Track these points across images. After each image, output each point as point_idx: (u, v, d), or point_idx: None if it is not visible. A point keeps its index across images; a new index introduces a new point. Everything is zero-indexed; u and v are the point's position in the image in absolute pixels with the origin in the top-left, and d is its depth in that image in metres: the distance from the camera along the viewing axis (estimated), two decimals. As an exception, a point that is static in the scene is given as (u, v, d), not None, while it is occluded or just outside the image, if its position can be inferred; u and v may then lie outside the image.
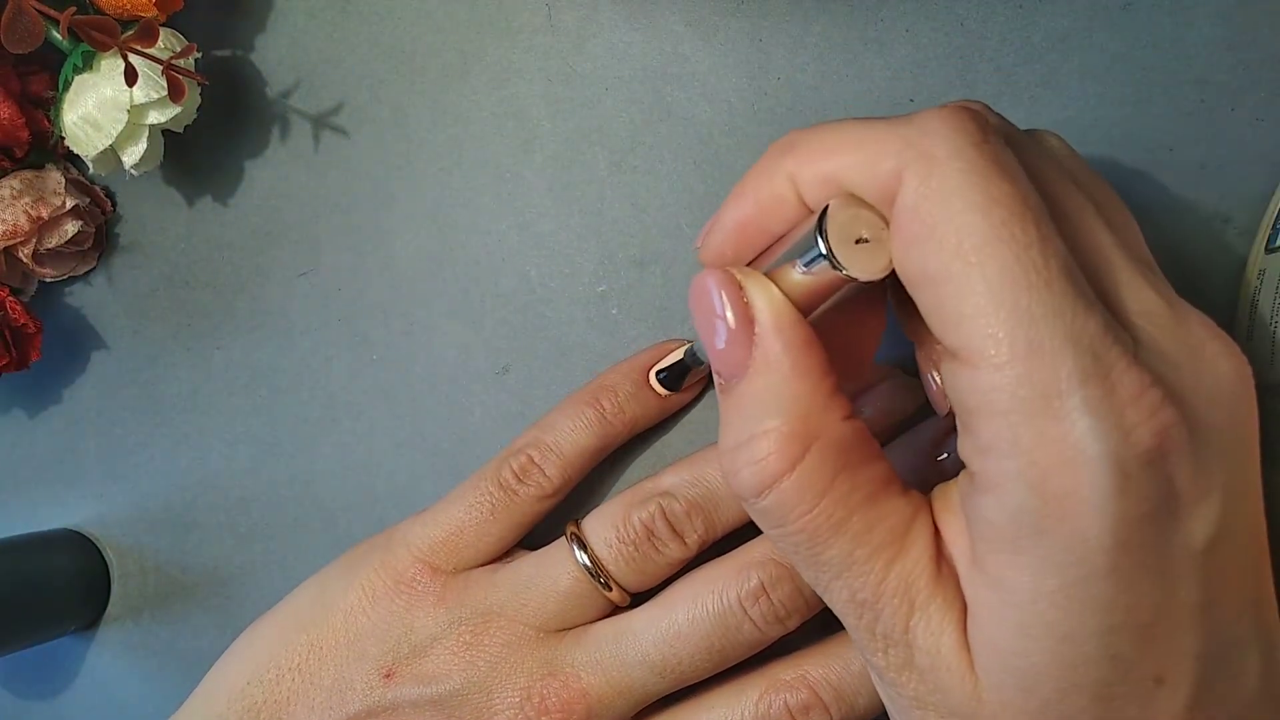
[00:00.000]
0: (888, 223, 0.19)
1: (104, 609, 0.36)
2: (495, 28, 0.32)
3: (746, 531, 0.27)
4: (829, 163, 0.19)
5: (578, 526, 0.28)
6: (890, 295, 0.23)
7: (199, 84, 0.32)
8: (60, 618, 0.35)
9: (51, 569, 0.35)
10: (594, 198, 0.32)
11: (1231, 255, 0.28)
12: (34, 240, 0.33)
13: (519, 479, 0.28)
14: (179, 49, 0.31)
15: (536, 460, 0.28)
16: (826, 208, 0.19)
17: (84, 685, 0.36)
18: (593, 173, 0.32)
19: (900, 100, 0.30)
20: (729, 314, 0.20)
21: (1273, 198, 0.27)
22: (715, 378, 0.21)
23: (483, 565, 0.29)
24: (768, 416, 0.20)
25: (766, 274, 0.21)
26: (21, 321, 0.33)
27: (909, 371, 0.28)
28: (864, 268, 0.19)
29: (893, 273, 0.19)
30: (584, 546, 0.27)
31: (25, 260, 0.33)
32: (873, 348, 0.24)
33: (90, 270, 0.36)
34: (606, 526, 0.27)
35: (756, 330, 0.20)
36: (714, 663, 0.26)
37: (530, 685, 0.26)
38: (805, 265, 0.20)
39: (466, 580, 0.28)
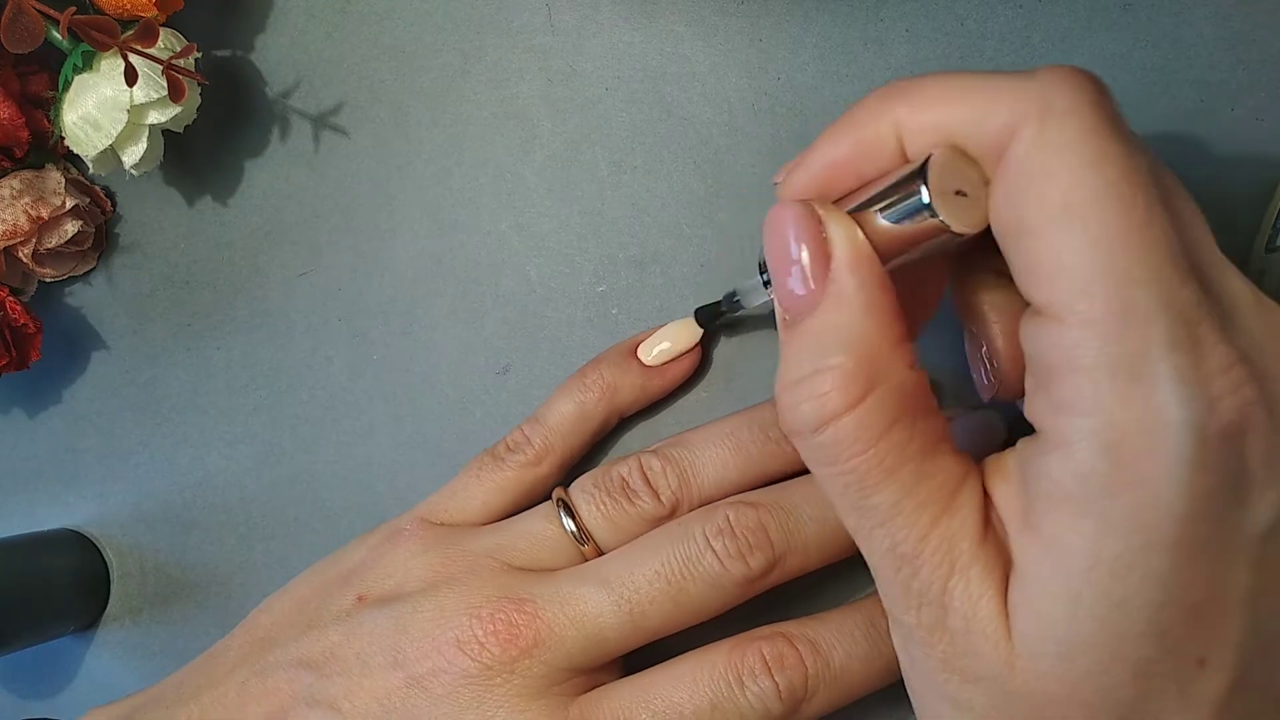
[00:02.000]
0: (986, 182, 0.19)
1: (104, 609, 0.36)
2: (495, 28, 0.32)
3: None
4: (940, 112, 0.19)
5: (564, 490, 0.29)
6: (951, 267, 0.23)
7: (199, 84, 0.32)
8: (60, 618, 0.35)
9: (51, 569, 0.35)
10: (594, 198, 0.32)
11: (1231, 255, 0.28)
12: (34, 240, 0.33)
13: (510, 449, 0.30)
14: (179, 49, 0.31)
15: (527, 433, 0.30)
16: (930, 156, 0.19)
17: (84, 685, 0.36)
18: (593, 173, 0.32)
19: (900, 100, 0.30)
20: (806, 246, 0.20)
21: (1273, 198, 0.27)
22: (779, 311, 0.21)
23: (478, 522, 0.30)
24: (834, 353, 0.19)
25: (848, 214, 0.20)
26: (21, 321, 0.33)
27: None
28: (960, 220, 0.19)
29: (965, 242, 0.19)
30: (568, 507, 0.28)
31: (25, 260, 0.33)
32: (926, 318, 0.24)
33: (90, 270, 0.36)
34: (587, 481, 0.28)
35: (832, 265, 0.20)
36: (673, 597, 0.26)
37: (483, 605, 0.27)
38: (899, 213, 0.19)
39: (453, 530, 0.29)
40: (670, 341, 0.30)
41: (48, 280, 0.35)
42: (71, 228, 0.33)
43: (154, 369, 0.36)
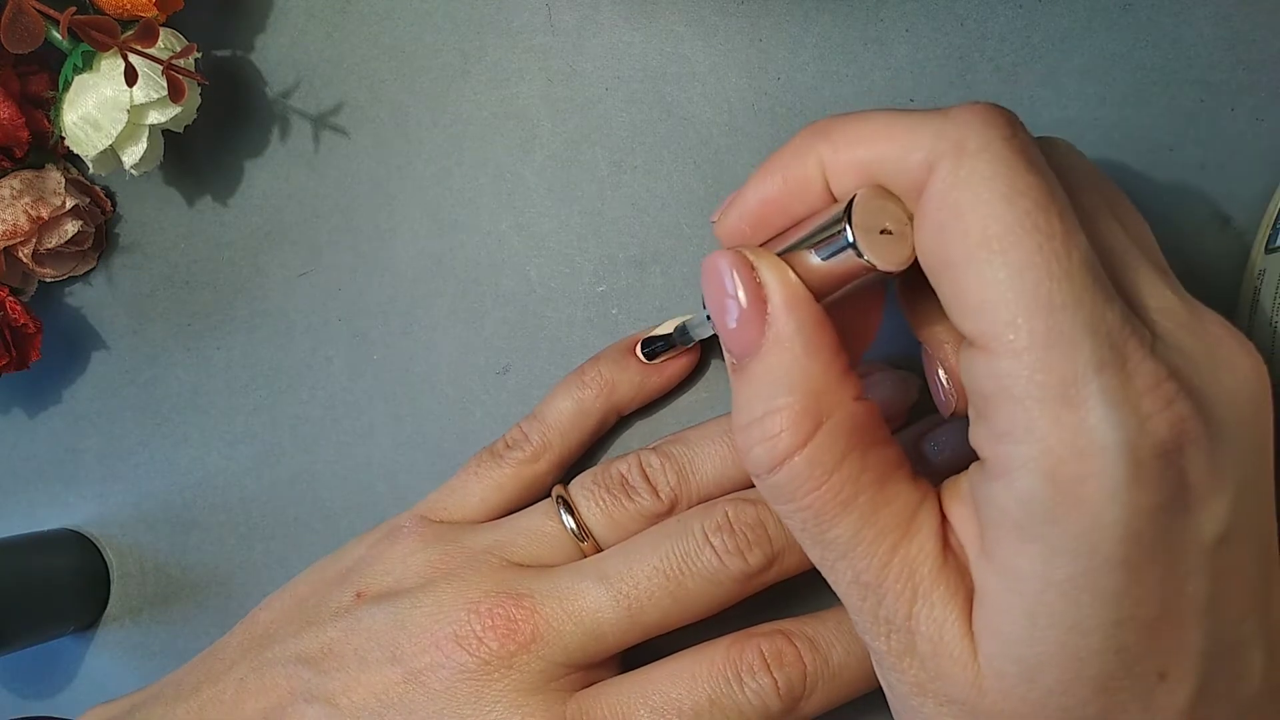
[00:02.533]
0: (911, 218, 0.19)
1: (104, 609, 0.36)
2: (495, 28, 0.32)
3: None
4: (862, 151, 0.20)
5: (563, 487, 0.29)
6: (901, 296, 0.23)
7: (199, 84, 0.32)
8: (60, 618, 0.35)
9: (51, 569, 0.35)
10: (594, 198, 0.32)
11: (1231, 255, 0.28)
12: (34, 240, 0.33)
13: (509, 447, 0.30)
14: (179, 49, 0.31)
15: (525, 430, 0.30)
16: (854, 197, 0.19)
17: (84, 685, 0.36)
18: (593, 173, 0.32)
19: (900, 100, 0.30)
20: (741, 293, 0.20)
21: (1273, 198, 0.27)
22: (728, 356, 0.22)
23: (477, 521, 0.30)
24: (780, 394, 0.20)
25: (781, 255, 0.21)
26: (21, 321, 0.33)
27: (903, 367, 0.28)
28: (886, 258, 0.19)
29: (905, 271, 0.20)
30: (568, 504, 0.28)
31: (25, 260, 0.33)
32: (865, 345, 0.24)
33: (90, 270, 0.36)
34: (587, 478, 0.29)
35: (769, 309, 0.20)
36: (671, 593, 0.26)
37: (481, 600, 0.27)
38: (827, 252, 0.20)
39: (452, 527, 0.29)
40: (669, 326, 0.30)
41: (48, 280, 0.35)
42: (71, 228, 0.33)
43: (154, 369, 0.36)
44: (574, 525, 0.28)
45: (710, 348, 0.31)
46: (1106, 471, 0.17)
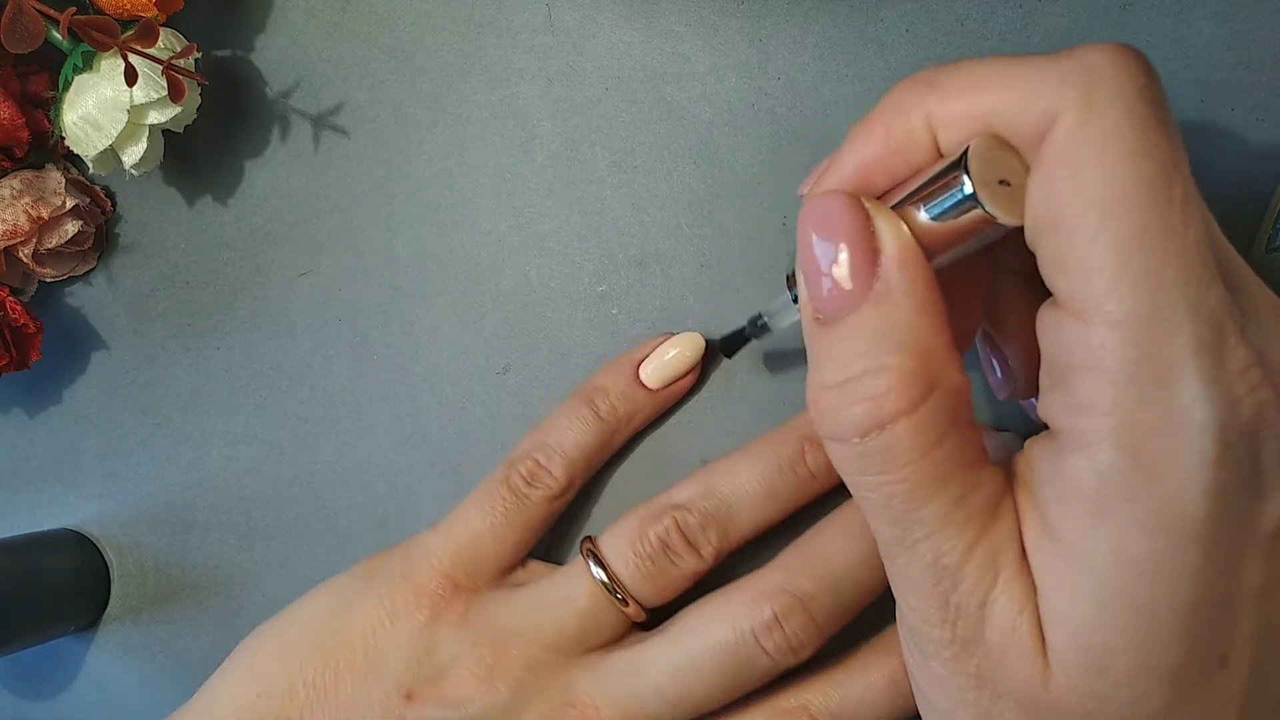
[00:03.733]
0: (1028, 170, 0.18)
1: (104, 609, 0.36)
2: (495, 28, 0.32)
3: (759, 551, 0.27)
4: (976, 99, 0.18)
5: (593, 543, 0.28)
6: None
7: (199, 84, 0.32)
8: (60, 618, 0.35)
9: (51, 569, 0.35)
10: (594, 198, 0.32)
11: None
12: (34, 240, 0.33)
13: (528, 482, 0.28)
14: (179, 49, 0.31)
15: (543, 463, 0.28)
16: (968, 146, 0.18)
17: (84, 685, 0.36)
18: (593, 173, 0.32)
19: (900, 100, 0.30)
20: (849, 241, 0.19)
21: (1273, 198, 0.27)
22: (811, 313, 0.20)
23: (502, 577, 0.29)
24: (886, 352, 0.18)
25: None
26: (21, 321, 0.33)
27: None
28: (1006, 211, 0.18)
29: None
30: (600, 562, 0.27)
31: (25, 260, 0.33)
32: (973, 329, 0.23)
33: (90, 270, 0.36)
34: (622, 541, 0.27)
35: (881, 261, 0.18)
36: (727, 693, 0.26)
37: (549, 713, 0.26)
38: (941, 206, 0.18)
39: (487, 599, 0.28)
40: (680, 348, 0.30)
41: (48, 280, 0.35)
42: (71, 228, 0.33)
43: (154, 369, 0.36)
44: (619, 594, 0.27)
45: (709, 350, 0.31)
46: (1194, 450, 0.16)
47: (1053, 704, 0.18)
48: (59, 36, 0.29)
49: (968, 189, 0.18)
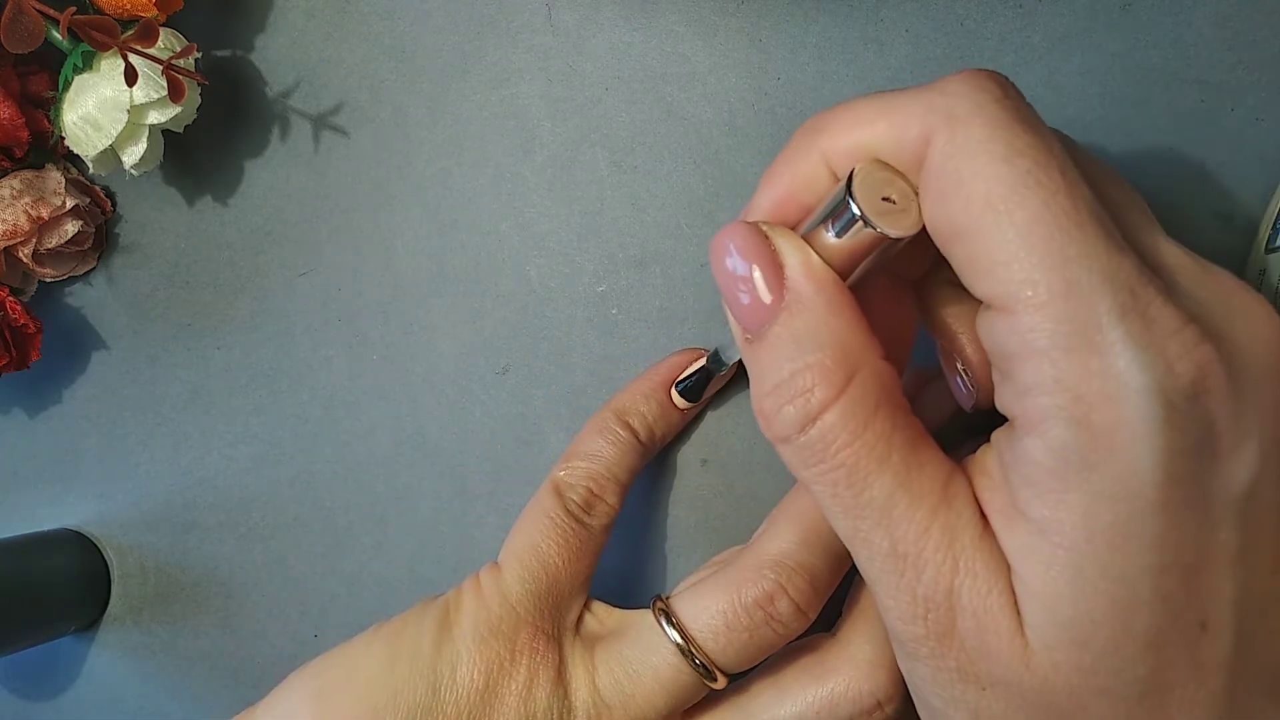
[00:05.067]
0: (914, 187, 0.20)
1: (104, 609, 0.36)
2: (495, 28, 0.32)
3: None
4: (858, 134, 0.20)
5: (668, 606, 0.26)
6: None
7: (199, 84, 0.32)
8: (60, 618, 0.35)
9: (51, 569, 0.35)
10: (594, 198, 0.32)
11: (1231, 255, 0.28)
12: (34, 240, 0.33)
13: (588, 512, 0.28)
14: (179, 49, 0.31)
15: (596, 491, 0.28)
16: (852, 172, 0.20)
17: (84, 685, 0.36)
18: (593, 173, 0.32)
19: (900, 100, 0.30)
20: (756, 263, 0.20)
21: (1273, 198, 0.27)
22: (738, 332, 0.21)
23: (578, 618, 0.27)
24: (807, 352, 0.20)
25: None
26: (21, 321, 0.33)
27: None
28: (894, 225, 0.19)
29: (912, 265, 0.20)
30: (681, 631, 0.25)
31: (25, 260, 0.33)
32: (908, 340, 0.24)
33: (90, 270, 0.36)
34: (711, 613, 0.25)
35: (786, 274, 0.20)
36: None
37: None
38: (837, 227, 0.20)
39: (573, 658, 0.26)
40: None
41: (48, 280, 0.35)
42: (71, 228, 0.33)
43: (154, 369, 0.36)
44: (707, 669, 0.25)
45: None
46: (1139, 414, 0.17)
47: (1038, 684, 0.18)
48: (59, 36, 0.29)
49: (855, 210, 0.19)
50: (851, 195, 0.19)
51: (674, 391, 0.29)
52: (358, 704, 0.25)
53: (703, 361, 0.29)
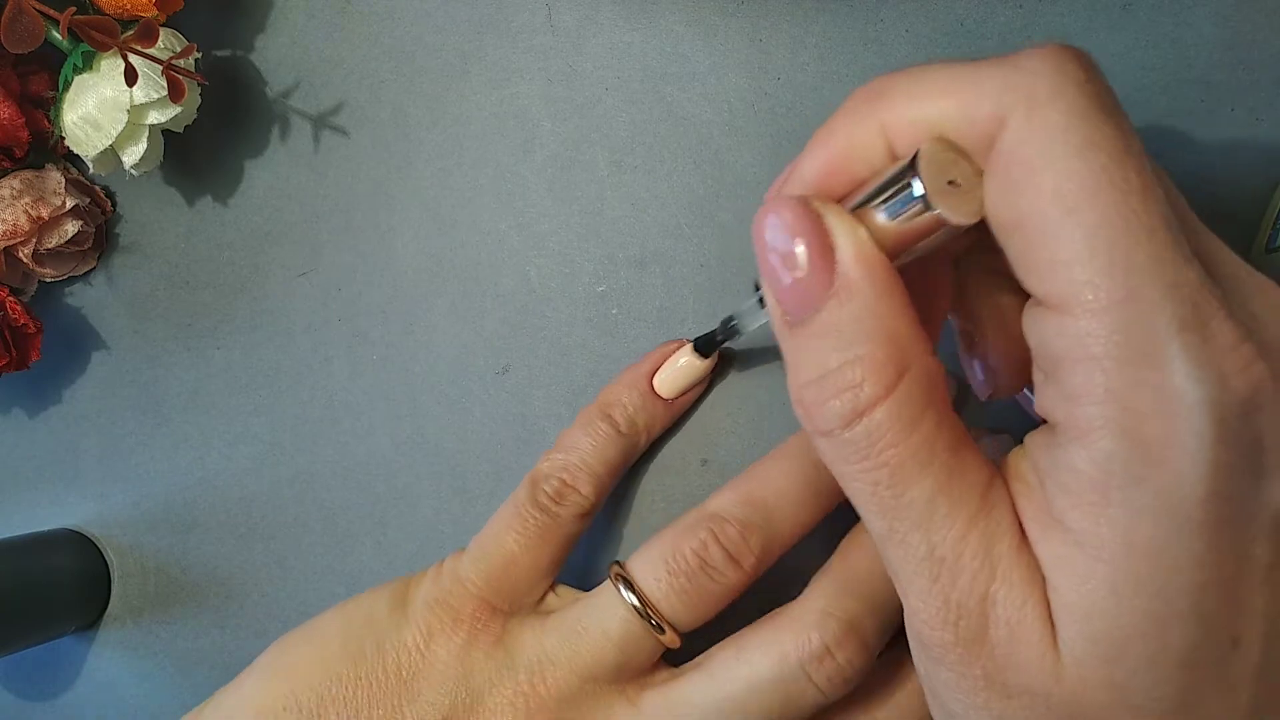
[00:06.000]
0: (980, 174, 0.18)
1: (104, 609, 0.36)
2: (495, 28, 0.32)
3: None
4: (925, 107, 0.19)
5: (621, 567, 0.27)
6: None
7: (199, 84, 0.32)
8: (60, 618, 0.35)
9: (51, 569, 0.35)
10: (594, 198, 0.32)
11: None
12: (34, 240, 0.33)
13: (557, 501, 0.28)
14: (179, 49, 0.31)
15: (569, 481, 0.28)
16: (920, 149, 0.18)
17: (84, 685, 0.36)
18: (593, 173, 0.32)
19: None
20: (805, 241, 0.19)
21: (1273, 198, 0.27)
22: (779, 315, 0.20)
23: (536, 601, 0.28)
24: (857, 344, 0.19)
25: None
26: (21, 321, 0.33)
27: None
28: (957, 210, 0.18)
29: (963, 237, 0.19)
30: (631, 586, 0.26)
31: (25, 260, 0.33)
32: (939, 321, 0.23)
33: (90, 270, 0.36)
34: (655, 563, 0.26)
35: (838, 258, 0.19)
36: None
37: None
38: (894, 208, 0.19)
39: (523, 624, 0.28)
40: (688, 355, 0.29)
41: (48, 280, 0.35)
42: (71, 228, 0.33)
43: (154, 369, 0.36)
44: (652, 620, 0.26)
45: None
46: (1191, 429, 0.16)
47: (1066, 698, 0.18)
48: (59, 36, 0.29)
49: (918, 190, 0.18)
50: (918, 175, 0.18)
51: (655, 381, 0.29)
52: (311, 653, 0.27)
53: (687, 357, 0.29)
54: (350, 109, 0.34)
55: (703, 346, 0.29)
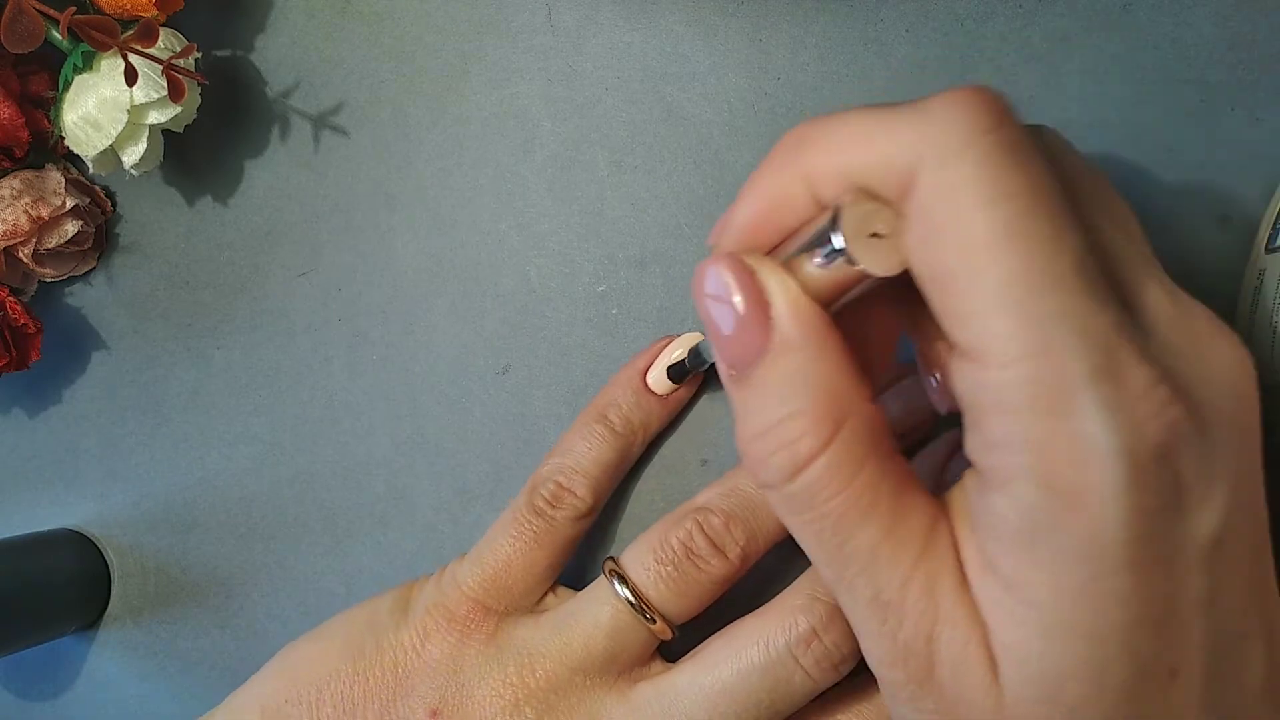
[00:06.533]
0: (901, 220, 0.19)
1: (104, 609, 0.36)
2: (495, 28, 0.32)
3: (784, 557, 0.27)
4: (844, 157, 0.19)
5: (615, 561, 0.28)
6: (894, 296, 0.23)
7: (199, 84, 0.32)
8: (60, 618, 0.35)
9: (51, 569, 0.35)
10: (594, 198, 0.32)
11: (1231, 255, 0.28)
12: (34, 240, 0.33)
13: (553, 505, 0.28)
14: (179, 49, 0.31)
15: (565, 484, 0.28)
16: (841, 203, 0.19)
17: (84, 685, 0.36)
18: (593, 173, 0.32)
19: (900, 100, 0.30)
20: (739, 297, 0.19)
21: (1273, 198, 0.27)
22: (724, 369, 0.21)
23: (533, 602, 0.29)
24: (795, 398, 0.19)
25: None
26: (21, 321, 0.33)
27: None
28: (879, 263, 0.18)
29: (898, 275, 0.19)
30: (623, 579, 0.27)
31: (25, 260, 0.33)
32: (890, 347, 0.23)
33: (90, 270, 0.36)
34: (644, 552, 0.27)
35: (772, 313, 0.19)
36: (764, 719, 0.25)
37: None
38: (819, 259, 0.19)
39: (515, 622, 0.28)
40: (679, 349, 0.30)
41: (48, 280, 0.35)
42: (71, 228, 0.33)
43: (154, 369, 0.36)
44: (642, 610, 0.26)
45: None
46: (1106, 477, 0.16)
47: None
48: (59, 36, 0.29)
49: (839, 244, 0.18)
50: (838, 230, 0.19)
51: (650, 376, 0.30)
52: (315, 652, 0.29)
53: (682, 352, 0.29)
54: (350, 109, 0.34)
55: (673, 375, 0.29)
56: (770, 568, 0.26)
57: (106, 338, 0.36)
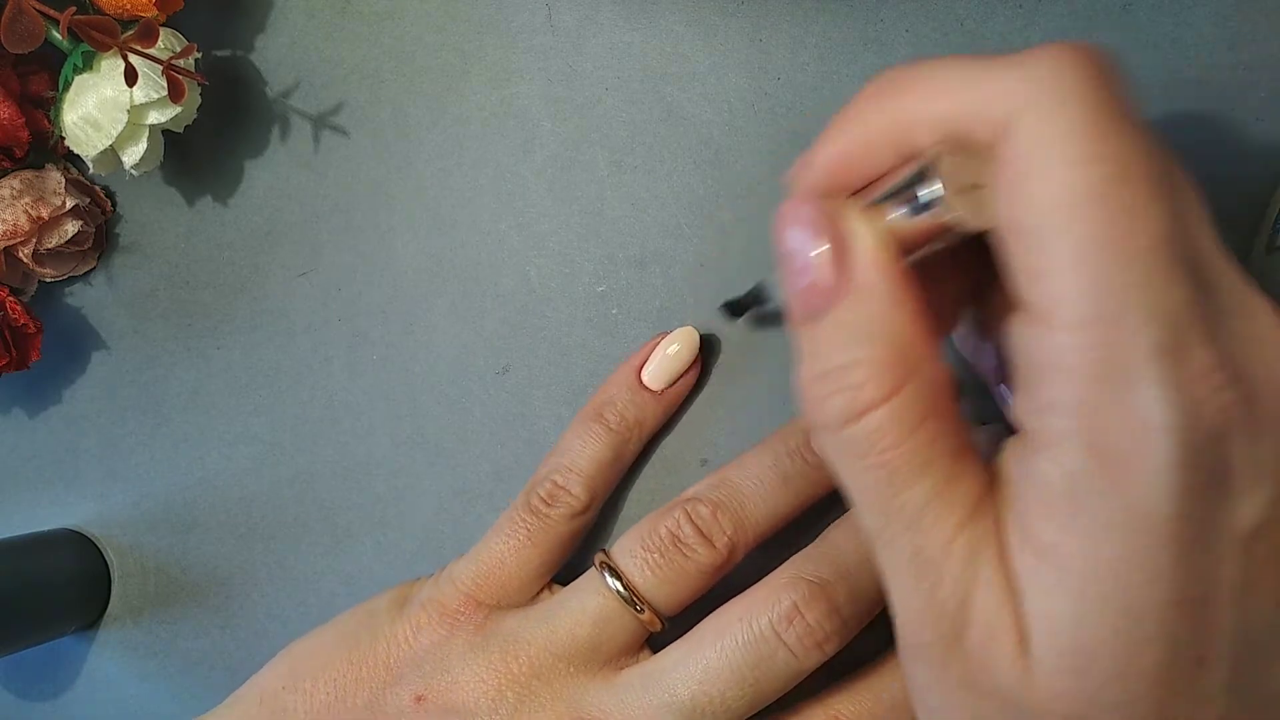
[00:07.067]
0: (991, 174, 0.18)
1: (104, 609, 0.36)
2: (495, 28, 0.32)
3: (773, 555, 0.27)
4: (938, 105, 0.18)
5: (605, 553, 0.28)
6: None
7: (199, 84, 0.32)
8: (60, 618, 0.35)
9: (51, 569, 0.35)
10: (594, 198, 0.32)
11: (1231, 255, 0.28)
12: (34, 240, 0.33)
13: (548, 503, 0.29)
14: (179, 49, 0.31)
15: (561, 483, 0.29)
16: (938, 151, 0.18)
17: (84, 685, 0.36)
18: (593, 173, 0.32)
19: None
20: (823, 242, 0.19)
21: (1273, 198, 0.27)
22: (796, 308, 0.20)
23: (527, 598, 0.29)
24: (863, 345, 0.19)
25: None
26: (21, 321, 0.33)
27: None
28: (974, 214, 0.18)
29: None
30: (613, 571, 0.27)
31: (25, 260, 0.33)
32: (951, 317, 0.23)
33: (90, 270, 0.36)
34: (632, 542, 0.27)
35: (853, 260, 0.19)
36: (749, 700, 0.25)
37: None
38: (911, 208, 0.19)
39: (506, 614, 0.28)
40: (679, 344, 0.30)
41: (48, 280, 0.35)
42: (71, 228, 0.33)
43: (154, 369, 0.36)
44: (631, 598, 0.27)
45: (707, 346, 0.31)
46: (1157, 453, 0.16)
47: (1036, 706, 0.18)
48: (59, 36, 0.29)
49: (938, 192, 0.18)
50: (933, 179, 0.18)
51: (643, 375, 0.30)
52: (314, 644, 0.30)
53: (675, 346, 0.29)
54: (350, 109, 0.34)
55: (731, 308, 0.29)
56: (768, 567, 0.26)
57: (106, 338, 0.36)
